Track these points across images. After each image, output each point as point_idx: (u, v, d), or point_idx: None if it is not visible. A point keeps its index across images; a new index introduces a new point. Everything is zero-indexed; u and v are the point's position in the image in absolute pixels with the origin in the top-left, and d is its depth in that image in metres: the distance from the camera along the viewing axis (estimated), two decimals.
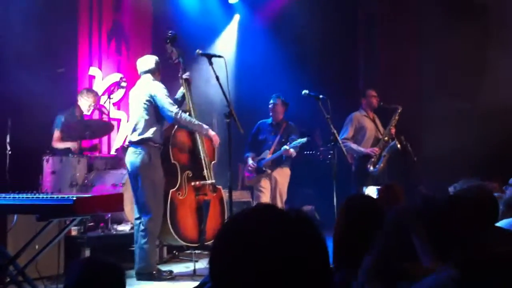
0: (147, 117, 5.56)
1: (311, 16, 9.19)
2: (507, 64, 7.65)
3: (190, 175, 5.96)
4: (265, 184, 7.07)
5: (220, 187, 6.26)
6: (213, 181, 6.10)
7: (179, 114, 5.57)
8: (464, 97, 8.31)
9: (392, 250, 2.22)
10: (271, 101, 7.17)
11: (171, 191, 5.79)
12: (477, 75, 8.13)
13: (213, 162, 6.20)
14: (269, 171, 7.05)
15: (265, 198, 6.96)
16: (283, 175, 7.12)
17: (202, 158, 6.02)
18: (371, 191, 6.32)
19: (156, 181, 5.56)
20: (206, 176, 6.03)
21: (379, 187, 6.37)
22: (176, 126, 5.83)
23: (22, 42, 6.50)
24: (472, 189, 3.31)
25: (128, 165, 5.64)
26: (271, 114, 7.19)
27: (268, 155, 7.06)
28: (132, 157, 5.57)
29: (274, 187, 7.05)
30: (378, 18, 9.54)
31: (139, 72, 5.79)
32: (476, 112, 8.16)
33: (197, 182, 5.98)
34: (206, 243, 5.98)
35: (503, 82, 7.69)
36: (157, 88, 5.58)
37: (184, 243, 5.97)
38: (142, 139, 5.53)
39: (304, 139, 6.73)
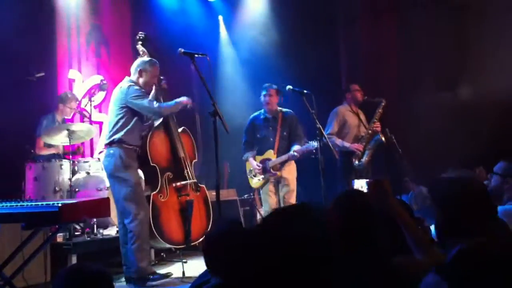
0: (120, 119, 5.50)
1: (291, 11, 9.16)
2: (490, 54, 7.70)
3: (171, 176, 5.87)
4: (272, 187, 6.70)
5: (203, 186, 6.19)
6: (195, 180, 6.03)
7: (162, 107, 5.57)
8: (447, 88, 8.34)
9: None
10: (264, 93, 6.73)
11: (152, 194, 5.71)
12: (460, 66, 8.16)
13: (194, 161, 6.13)
14: (278, 173, 6.64)
15: (273, 201, 6.66)
16: (291, 172, 6.73)
17: (182, 157, 5.95)
18: (360, 184, 6.31)
19: (131, 183, 5.44)
20: (187, 176, 5.96)
21: (368, 180, 6.38)
22: (152, 128, 5.79)
23: (0, 48, 6.39)
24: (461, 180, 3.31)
25: (104, 168, 5.63)
26: (265, 106, 6.76)
27: (273, 155, 6.67)
28: (105, 160, 5.55)
29: (284, 186, 6.65)
30: (359, 12, 9.53)
31: None
32: (460, 103, 8.19)
33: (178, 183, 5.89)
34: (192, 244, 5.92)
35: (486, 73, 7.73)
36: (130, 90, 5.49)
37: (170, 246, 5.89)
38: (113, 141, 5.47)
39: (315, 144, 6.26)
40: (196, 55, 5.19)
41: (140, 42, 6.12)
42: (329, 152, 6.29)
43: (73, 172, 6.50)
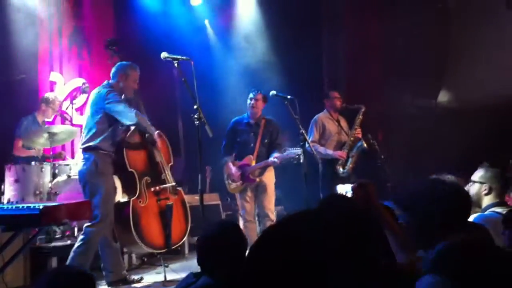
0: (96, 125, 5.41)
1: (275, 17, 9.20)
2: (469, 63, 7.80)
3: (149, 181, 5.79)
4: (250, 193, 6.60)
5: (180, 188, 6.14)
6: (173, 183, 5.96)
7: (138, 114, 5.44)
8: (428, 95, 8.43)
9: None
10: (251, 97, 6.60)
11: (131, 199, 5.62)
12: (440, 73, 8.26)
13: (170, 164, 6.07)
14: (257, 179, 6.54)
15: (250, 207, 6.58)
16: (270, 178, 6.66)
17: (159, 162, 5.88)
18: (344, 189, 6.33)
19: (105, 189, 5.34)
20: (165, 180, 5.91)
21: (351, 185, 6.38)
22: (128, 134, 5.70)
23: None
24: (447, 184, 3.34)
25: (78, 174, 5.51)
26: (249, 111, 6.64)
27: (252, 161, 6.58)
28: (80, 165, 5.47)
29: (262, 192, 6.57)
30: (342, 16, 9.59)
31: None
32: (440, 109, 8.28)
33: (157, 187, 5.83)
34: (173, 247, 5.89)
35: (469, 78, 7.82)
36: (107, 95, 5.37)
37: (151, 250, 5.84)
38: (89, 147, 5.38)
39: (298, 151, 6.24)
40: (179, 59, 5.15)
41: (109, 46, 6.04)
42: (312, 158, 6.31)
43: (54, 175, 6.44)
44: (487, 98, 7.77)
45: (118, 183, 5.78)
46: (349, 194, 3.63)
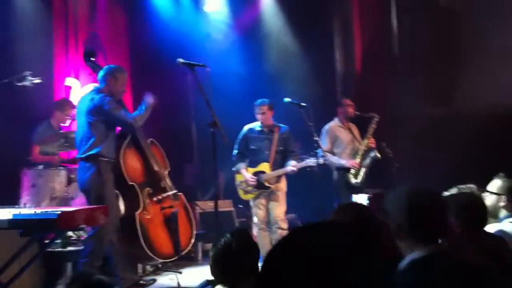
0: (94, 132, 5.34)
1: (288, 22, 9.22)
2: (482, 69, 7.76)
3: (151, 191, 5.80)
4: (264, 200, 6.59)
5: (180, 194, 6.12)
6: (174, 190, 5.98)
7: (136, 118, 5.46)
8: (441, 103, 8.39)
9: None
10: (258, 109, 6.63)
11: (136, 214, 5.60)
12: (453, 81, 8.23)
13: (167, 170, 6.08)
14: (272, 186, 6.53)
15: (263, 215, 6.57)
16: (283, 186, 6.67)
17: (157, 171, 5.88)
18: (361, 198, 6.31)
19: (107, 197, 5.29)
20: (166, 187, 5.92)
21: (369, 195, 6.38)
22: (123, 146, 5.67)
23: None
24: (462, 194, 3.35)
25: (78, 182, 5.49)
26: (260, 121, 6.67)
27: (268, 168, 6.56)
28: (81, 173, 5.41)
29: (275, 200, 6.55)
30: (352, 23, 9.59)
31: None
32: (454, 117, 8.23)
33: (159, 196, 5.83)
34: (183, 253, 5.94)
35: (478, 86, 7.79)
36: (105, 101, 5.32)
37: (163, 260, 5.88)
38: (90, 155, 5.32)
39: (318, 160, 6.19)
40: (195, 66, 5.16)
41: (86, 57, 5.96)
42: (325, 166, 6.31)
43: (69, 180, 6.48)
44: (500, 106, 7.72)
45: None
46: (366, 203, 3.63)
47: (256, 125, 6.75)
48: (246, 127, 6.79)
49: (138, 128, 5.67)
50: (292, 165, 6.42)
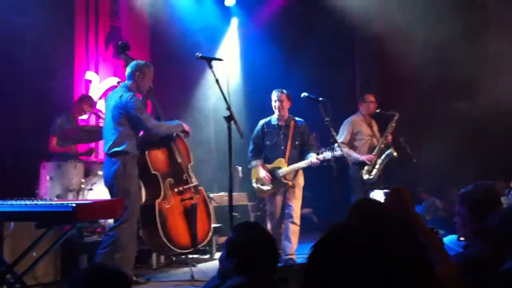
0: (120, 129, 5.37)
1: (307, 18, 9.16)
2: (507, 65, 7.64)
3: (172, 182, 5.83)
4: (280, 197, 6.41)
5: (201, 188, 6.15)
6: (196, 183, 6.00)
7: (158, 127, 5.55)
8: (463, 99, 8.29)
9: None
10: (275, 98, 6.39)
11: (157, 202, 5.66)
12: (477, 77, 8.11)
13: (190, 164, 6.08)
14: (290, 183, 6.32)
15: (279, 212, 6.40)
16: (300, 181, 6.48)
17: (180, 162, 5.90)
18: (378, 195, 6.26)
19: (131, 191, 5.33)
20: (188, 179, 5.92)
21: (386, 190, 6.31)
22: (148, 137, 5.71)
23: (20, 47, 6.45)
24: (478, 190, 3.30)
25: (103, 176, 5.52)
26: (277, 112, 6.42)
27: (284, 164, 6.35)
28: (107, 167, 5.43)
29: (292, 196, 6.36)
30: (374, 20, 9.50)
31: None
32: (475, 113, 8.13)
33: (181, 188, 5.86)
34: (199, 246, 5.96)
35: (502, 84, 7.67)
36: (132, 100, 5.34)
37: (179, 251, 5.86)
38: (115, 152, 5.35)
39: (337, 152, 6.03)
40: (213, 60, 5.15)
41: (120, 51, 5.99)
42: (342, 161, 6.25)
43: (86, 172, 6.53)
44: None
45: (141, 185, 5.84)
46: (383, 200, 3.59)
47: (272, 119, 6.53)
48: (261, 122, 6.60)
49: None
50: (315, 157, 6.16)
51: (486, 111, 7.82)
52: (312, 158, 6.17)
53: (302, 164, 6.31)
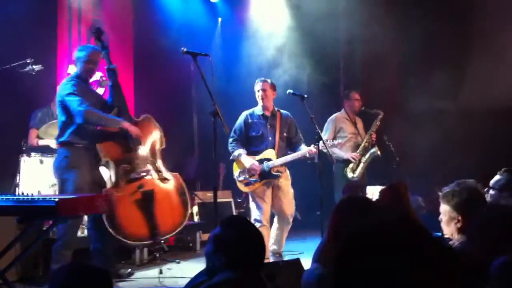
0: (63, 118, 5.27)
1: (293, 14, 9.16)
2: (489, 64, 7.70)
3: (128, 168, 5.41)
4: (269, 192, 6.00)
5: (175, 173, 5.73)
6: (162, 170, 5.60)
7: (89, 112, 5.16)
8: (446, 97, 8.34)
9: None
10: (258, 88, 6.08)
11: (104, 190, 5.29)
12: (459, 75, 8.17)
13: (161, 148, 5.72)
14: (280, 174, 5.96)
15: (267, 208, 5.96)
16: (287, 178, 6.15)
17: (140, 147, 5.53)
18: (373, 191, 6.27)
19: (74, 183, 5.12)
20: (152, 166, 5.56)
21: (383, 186, 6.31)
22: None
23: (1, 40, 6.36)
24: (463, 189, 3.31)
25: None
26: (261, 103, 6.10)
27: (274, 155, 5.96)
28: (54, 160, 5.36)
29: (284, 192, 6.03)
30: (359, 17, 9.52)
31: None
32: (457, 111, 8.19)
33: (137, 175, 5.43)
34: (162, 238, 5.58)
35: (484, 82, 7.73)
36: (64, 85, 5.23)
37: (134, 243, 5.44)
38: (61, 142, 5.26)
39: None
40: (198, 55, 5.10)
41: (95, 36, 5.84)
42: (326, 158, 6.25)
43: None
44: (508, 101, 7.67)
45: (106, 174, 5.61)
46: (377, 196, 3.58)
47: (255, 110, 6.18)
48: (244, 113, 6.23)
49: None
50: (309, 148, 5.88)
51: (469, 109, 7.89)
52: (310, 147, 5.88)
53: (297, 155, 5.98)
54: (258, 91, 6.09)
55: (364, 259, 1.07)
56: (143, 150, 5.59)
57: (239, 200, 8.28)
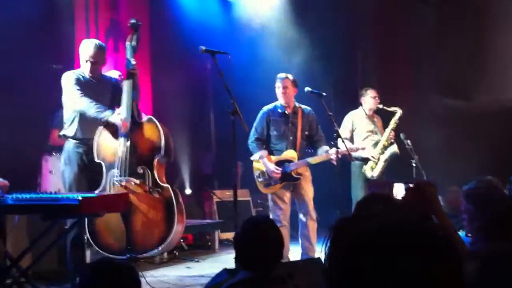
0: (64, 113, 5.30)
1: (309, 13, 9.15)
2: (503, 64, 7.66)
3: (117, 174, 5.18)
4: (289, 193, 5.82)
5: (166, 186, 5.29)
6: (156, 181, 5.23)
7: (76, 99, 5.10)
8: (460, 96, 8.30)
9: None
10: (279, 84, 5.86)
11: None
12: (474, 74, 8.13)
13: (156, 155, 5.30)
14: (301, 177, 5.78)
15: (287, 209, 5.80)
16: (309, 179, 5.96)
17: (122, 152, 5.23)
18: (399, 188, 6.24)
19: (68, 180, 5.08)
20: (144, 173, 5.26)
21: (410, 185, 6.27)
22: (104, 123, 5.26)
23: (21, 41, 6.43)
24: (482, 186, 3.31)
25: None
26: (281, 100, 5.88)
27: (295, 156, 5.78)
28: None
29: (305, 192, 5.83)
30: (375, 16, 9.49)
31: None
32: (472, 110, 8.16)
33: (123, 182, 5.13)
34: (138, 256, 5.19)
35: (503, 79, 7.69)
36: (63, 78, 5.22)
37: (109, 255, 4.99)
38: (63, 136, 5.28)
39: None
40: (217, 53, 5.09)
41: (134, 28, 5.72)
42: (344, 156, 6.21)
43: None
44: None
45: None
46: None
47: (277, 106, 5.94)
48: (265, 109, 5.99)
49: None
50: (334, 151, 5.71)
51: (484, 107, 7.86)
52: (332, 153, 5.72)
53: (319, 158, 5.83)
54: (279, 87, 5.89)
55: (369, 258, 1.06)
56: (139, 155, 5.30)
57: (259, 201, 8.27)
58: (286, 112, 5.91)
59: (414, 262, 1.03)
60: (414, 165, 7.06)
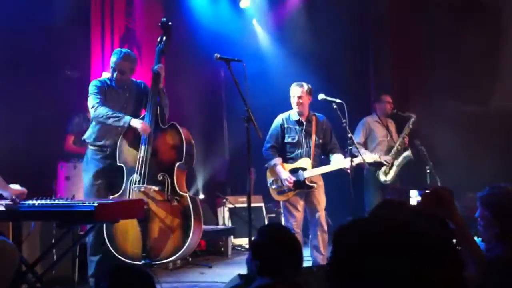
0: (90, 118, 5.40)
1: (321, 19, 9.16)
2: None
3: (138, 179, 5.14)
4: (302, 201, 5.83)
5: (185, 194, 5.27)
6: (175, 189, 5.21)
7: (96, 108, 5.10)
8: (476, 101, 8.25)
9: None
10: (293, 93, 5.87)
11: (110, 196, 5.15)
12: (490, 79, 8.08)
13: (178, 163, 5.28)
14: (315, 185, 5.79)
15: (301, 217, 5.82)
16: (322, 189, 5.96)
17: (141, 157, 5.17)
18: (414, 194, 6.24)
19: (85, 186, 5.19)
20: (164, 180, 5.22)
21: (422, 191, 6.24)
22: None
23: (38, 49, 6.49)
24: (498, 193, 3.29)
25: None
26: (297, 109, 5.87)
27: (309, 164, 5.79)
28: None
29: (318, 201, 5.84)
30: (388, 21, 9.48)
31: None
32: (488, 115, 8.10)
33: (142, 188, 5.12)
34: (154, 263, 5.10)
35: None
36: (90, 85, 5.30)
37: (125, 260, 5.07)
38: (83, 141, 5.39)
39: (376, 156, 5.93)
40: (232, 61, 5.11)
41: (164, 29, 5.76)
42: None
43: None
44: None
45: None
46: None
47: (291, 114, 5.96)
48: (280, 117, 6.00)
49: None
50: (345, 166, 5.69)
51: (500, 112, 7.81)
52: (346, 163, 5.68)
53: (332, 167, 5.82)
54: (294, 96, 5.88)
55: (370, 259, 1.07)
56: (160, 162, 5.29)
57: (272, 207, 8.27)
58: (300, 120, 5.92)
59: (414, 263, 1.03)
60: (428, 171, 7.01)
